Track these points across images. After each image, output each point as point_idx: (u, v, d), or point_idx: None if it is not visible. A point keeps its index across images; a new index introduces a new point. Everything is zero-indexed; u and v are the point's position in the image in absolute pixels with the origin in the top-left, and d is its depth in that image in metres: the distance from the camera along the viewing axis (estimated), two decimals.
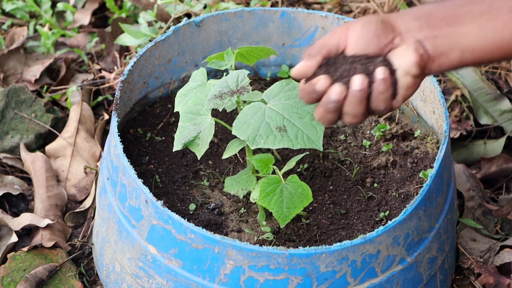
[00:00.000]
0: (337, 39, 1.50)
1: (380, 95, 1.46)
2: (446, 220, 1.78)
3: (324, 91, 1.48)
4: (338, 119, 1.51)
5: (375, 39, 1.47)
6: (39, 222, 2.02)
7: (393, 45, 1.47)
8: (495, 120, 2.29)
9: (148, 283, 1.72)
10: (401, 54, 1.46)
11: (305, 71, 1.50)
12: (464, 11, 1.44)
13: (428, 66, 1.46)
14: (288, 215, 1.66)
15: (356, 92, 1.46)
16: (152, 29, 2.32)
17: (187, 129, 1.67)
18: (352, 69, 1.47)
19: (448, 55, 1.45)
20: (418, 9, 1.49)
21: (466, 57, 1.44)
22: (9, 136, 2.25)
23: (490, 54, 1.44)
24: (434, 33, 1.45)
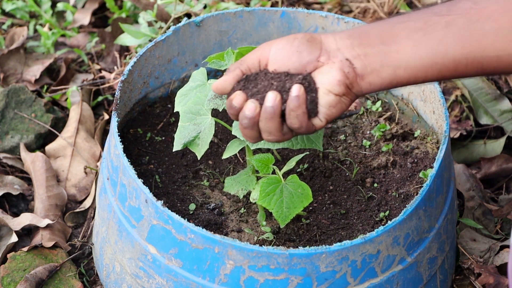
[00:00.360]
0: (258, 54, 1.49)
1: (292, 112, 1.44)
2: (446, 220, 1.79)
3: (240, 107, 1.47)
4: (259, 135, 1.49)
5: (296, 55, 1.45)
6: (39, 222, 2.02)
7: (318, 63, 1.45)
8: (495, 120, 2.29)
9: (148, 283, 1.72)
10: (325, 72, 1.43)
11: (222, 86, 1.49)
12: (399, 29, 1.41)
13: (355, 85, 1.43)
14: (288, 215, 1.66)
15: (268, 108, 1.44)
16: (152, 29, 2.32)
17: (187, 129, 1.67)
18: (269, 86, 1.46)
19: (379, 73, 1.41)
20: (354, 28, 1.47)
21: (399, 74, 1.41)
22: (9, 136, 2.25)
23: (424, 71, 1.40)
24: (365, 51, 1.41)
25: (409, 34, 1.40)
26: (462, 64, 1.39)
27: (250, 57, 1.50)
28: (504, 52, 1.36)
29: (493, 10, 1.35)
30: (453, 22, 1.38)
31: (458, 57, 1.38)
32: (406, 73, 1.41)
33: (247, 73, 1.49)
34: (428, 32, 1.39)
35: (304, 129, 1.46)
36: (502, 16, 1.35)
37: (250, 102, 1.46)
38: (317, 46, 1.45)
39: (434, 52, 1.39)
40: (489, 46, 1.36)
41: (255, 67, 1.49)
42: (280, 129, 1.47)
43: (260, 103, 1.46)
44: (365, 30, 1.44)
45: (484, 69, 1.39)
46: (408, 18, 1.42)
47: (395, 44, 1.40)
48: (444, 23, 1.38)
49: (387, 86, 1.43)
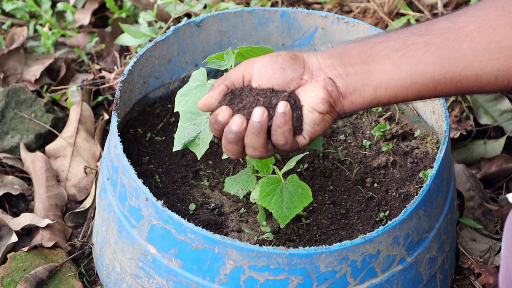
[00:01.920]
0: (242, 70, 1.50)
1: (278, 128, 1.45)
2: (446, 220, 1.79)
3: (226, 122, 1.48)
4: (242, 151, 1.49)
5: (280, 71, 1.46)
6: (39, 222, 2.02)
7: (301, 81, 1.46)
8: (495, 120, 2.29)
9: (148, 283, 1.72)
10: (309, 90, 1.45)
11: (209, 102, 1.50)
12: (379, 48, 1.42)
13: (338, 104, 1.45)
14: (288, 215, 1.66)
15: (255, 123, 1.45)
16: (152, 29, 2.32)
17: (187, 129, 1.67)
18: (255, 102, 1.47)
19: (360, 92, 1.43)
20: (335, 48, 1.48)
21: (380, 93, 1.42)
22: (9, 136, 2.25)
23: (405, 90, 1.41)
24: (346, 70, 1.43)
25: (388, 53, 1.42)
26: (441, 83, 1.40)
27: (234, 73, 1.51)
28: (482, 71, 1.38)
29: (471, 29, 1.37)
30: (432, 41, 1.39)
31: (437, 76, 1.39)
32: (386, 92, 1.43)
33: (232, 88, 1.50)
34: (407, 51, 1.40)
35: (289, 146, 1.47)
36: (479, 35, 1.36)
37: (236, 117, 1.47)
38: (300, 64, 1.47)
39: (413, 71, 1.40)
40: (467, 65, 1.38)
41: (239, 83, 1.50)
42: (265, 145, 1.48)
43: (247, 118, 1.47)
44: (345, 50, 1.46)
45: (463, 88, 1.40)
46: (387, 38, 1.44)
47: (375, 63, 1.42)
48: (423, 42, 1.40)
49: (368, 105, 1.45)
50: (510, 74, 1.37)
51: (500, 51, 1.36)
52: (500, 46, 1.36)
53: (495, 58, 1.37)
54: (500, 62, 1.37)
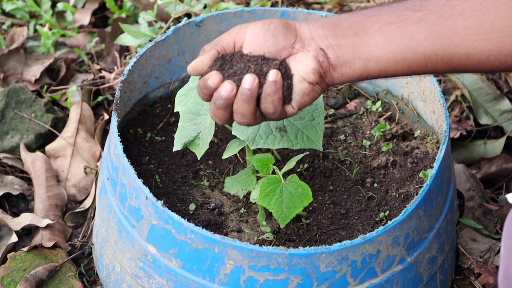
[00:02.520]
0: (233, 35, 1.49)
1: (268, 97, 1.45)
2: (446, 220, 1.79)
3: (215, 88, 1.46)
4: (229, 117, 1.48)
5: (271, 39, 1.46)
6: (39, 222, 2.02)
7: (292, 50, 1.46)
8: (495, 120, 2.29)
9: (148, 283, 1.72)
10: (300, 59, 1.44)
11: (199, 66, 1.48)
12: (372, 21, 1.42)
13: (328, 75, 1.45)
14: (288, 215, 1.66)
15: (245, 90, 1.44)
16: (152, 29, 2.32)
17: (187, 129, 1.67)
18: (246, 68, 1.46)
19: (351, 64, 1.43)
20: (328, 18, 1.48)
21: (370, 67, 1.42)
22: (9, 136, 2.25)
23: (395, 65, 1.41)
24: (338, 42, 1.43)
25: (381, 27, 1.41)
26: (432, 60, 1.40)
27: (225, 38, 1.49)
28: (474, 50, 1.37)
29: (465, 8, 1.36)
30: (425, 17, 1.39)
31: (429, 53, 1.39)
32: (377, 66, 1.42)
33: (223, 53, 1.49)
34: (400, 26, 1.40)
35: (277, 115, 1.47)
36: (473, 14, 1.36)
37: (227, 83, 1.45)
38: (292, 33, 1.46)
39: (405, 46, 1.39)
40: (459, 43, 1.37)
41: (230, 48, 1.49)
42: (254, 112, 1.47)
43: (237, 85, 1.46)
44: (338, 21, 1.45)
45: (454, 66, 1.40)
46: (381, 11, 1.43)
47: (367, 36, 1.42)
48: (417, 18, 1.39)
49: (358, 78, 1.45)
50: (502, 55, 1.36)
51: (493, 32, 1.35)
52: (494, 27, 1.35)
53: (488, 38, 1.36)
54: (493, 43, 1.36)
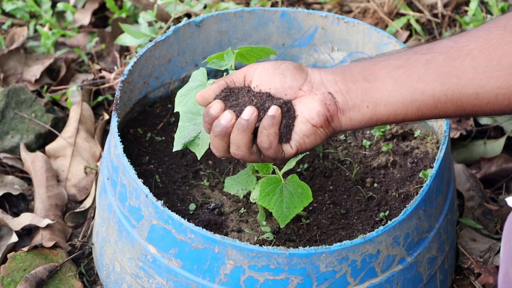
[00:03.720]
0: (244, 71, 1.52)
1: (264, 130, 1.46)
2: (446, 220, 1.79)
3: (216, 116, 1.49)
4: (227, 149, 1.50)
5: (279, 77, 1.48)
6: (39, 222, 2.02)
7: (300, 91, 1.47)
8: (495, 120, 2.29)
9: (148, 283, 1.72)
10: (306, 102, 1.46)
11: (206, 94, 1.51)
12: (381, 66, 1.43)
13: (335, 119, 1.45)
14: (288, 215, 1.66)
15: (242, 120, 1.46)
16: (152, 29, 2.32)
17: (187, 129, 1.67)
18: (248, 101, 1.48)
19: (359, 108, 1.44)
20: (339, 66, 1.50)
21: (379, 110, 1.43)
22: (9, 136, 2.25)
23: (404, 108, 1.42)
24: (347, 87, 1.44)
25: (390, 71, 1.43)
26: (441, 101, 1.40)
27: (237, 72, 1.53)
28: (482, 89, 1.38)
29: (472, 48, 1.38)
30: (433, 59, 1.40)
31: (437, 94, 1.40)
32: (386, 109, 1.43)
33: (231, 85, 1.51)
34: (408, 69, 1.41)
35: (272, 152, 1.47)
36: (480, 53, 1.37)
37: (227, 112, 1.48)
38: (302, 76, 1.47)
39: (413, 88, 1.41)
40: (468, 82, 1.38)
41: (239, 82, 1.51)
42: (249, 145, 1.48)
43: (237, 115, 1.48)
44: (348, 67, 1.47)
45: (464, 107, 1.40)
46: (390, 57, 1.45)
47: (376, 81, 1.43)
48: (425, 60, 1.41)
49: (366, 122, 1.45)
50: (511, 93, 1.37)
51: (501, 69, 1.37)
52: (501, 64, 1.37)
53: (496, 76, 1.37)
54: (501, 81, 1.37)
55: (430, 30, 2.57)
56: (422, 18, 2.56)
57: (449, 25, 2.58)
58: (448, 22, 2.58)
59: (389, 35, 1.93)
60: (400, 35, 2.50)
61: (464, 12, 2.61)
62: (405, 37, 2.50)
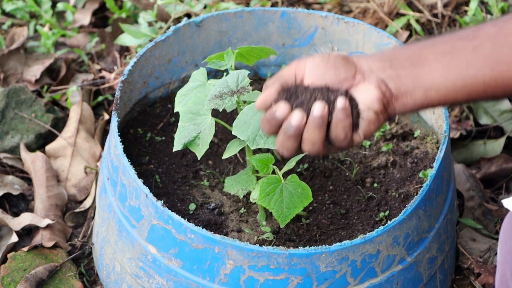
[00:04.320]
0: (293, 69, 1.50)
1: (340, 123, 1.45)
2: (446, 220, 1.79)
3: (283, 118, 1.47)
4: (298, 147, 1.49)
5: (333, 70, 1.48)
6: (39, 222, 2.02)
7: (354, 81, 1.47)
8: (495, 120, 2.29)
9: (148, 283, 1.72)
10: (363, 89, 1.46)
11: (267, 100, 1.49)
12: (427, 52, 1.44)
13: (391, 105, 1.46)
14: (288, 215, 1.66)
15: (316, 118, 1.45)
16: (152, 29, 2.32)
17: (187, 129, 1.67)
18: (313, 98, 1.47)
19: (411, 94, 1.45)
20: (382, 52, 1.50)
21: (430, 96, 1.44)
22: (9, 136, 2.25)
23: (455, 93, 1.43)
24: (397, 73, 1.45)
25: (437, 57, 1.43)
26: (491, 86, 1.42)
27: (286, 72, 1.51)
28: None
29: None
30: (480, 46, 1.41)
31: (488, 80, 1.41)
32: (437, 95, 1.44)
33: (285, 87, 1.49)
34: (456, 56, 1.42)
35: (347, 142, 1.48)
36: None
37: (297, 112, 1.46)
38: (351, 65, 1.48)
39: (463, 74, 1.42)
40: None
41: (291, 81, 1.50)
42: (323, 140, 1.48)
43: (306, 114, 1.46)
44: (394, 54, 1.48)
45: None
46: (435, 43, 1.45)
47: (425, 67, 1.44)
48: (472, 47, 1.41)
49: (418, 107, 1.46)
50: None
51: None
52: None
53: None
54: None
55: (430, 30, 2.57)
56: (422, 18, 2.56)
57: (449, 25, 2.58)
58: (448, 22, 2.58)
59: (389, 35, 1.93)
60: (400, 35, 2.50)
61: (464, 12, 2.61)
62: (405, 37, 2.50)
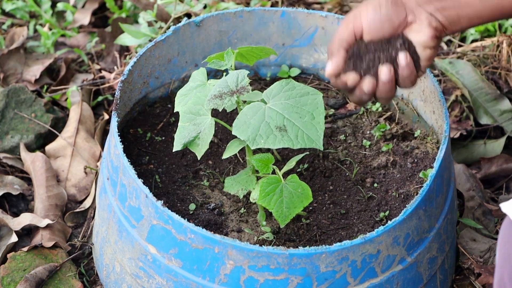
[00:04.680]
0: (351, 28, 1.63)
1: (406, 78, 1.62)
2: (446, 220, 1.79)
3: (356, 85, 1.63)
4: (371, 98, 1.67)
5: (387, 23, 1.61)
6: (39, 222, 2.02)
7: (407, 22, 1.61)
8: (495, 120, 2.29)
9: (148, 283, 1.72)
10: (417, 30, 1.61)
11: (336, 69, 1.63)
12: None
13: (442, 35, 1.63)
14: (288, 215, 1.66)
15: (386, 82, 1.62)
16: (152, 29, 2.32)
17: (187, 129, 1.67)
18: (376, 59, 1.63)
19: (458, 23, 1.61)
20: None
21: (473, 23, 1.61)
22: (9, 136, 2.25)
23: (493, 17, 1.60)
24: (442, 5, 1.59)
25: None
26: None
27: (345, 33, 1.63)
28: None
29: None
30: None
31: None
32: (479, 21, 1.61)
33: (349, 50, 1.63)
34: None
35: (413, 84, 1.65)
36: None
37: (367, 80, 1.63)
38: (401, 8, 1.61)
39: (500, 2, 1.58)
40: None
41: (352, 40, 1.63)
42: (394, 91, 1.66)
43: (375, 77, 1.62)
44: None
45: None
46: None
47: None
48: None
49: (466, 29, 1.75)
50: None
51: None
52: None
53: None
54: None
55: None
56: None
57: None
58: None
59: None
60: None
61: None
62: None
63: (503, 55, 2.41)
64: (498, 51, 2.42)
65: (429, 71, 1.88)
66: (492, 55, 2.43)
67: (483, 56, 2.43)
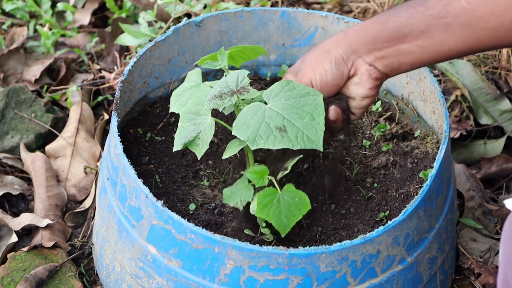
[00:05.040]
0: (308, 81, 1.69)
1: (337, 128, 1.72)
2: (446, 220, 1.78)
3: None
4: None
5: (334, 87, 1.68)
6: (39, 222, 2.02)
7: (349, 76, 1.67)
8: (495, 120, 2.29)
9: (148, 283, 1.72)
10: (357, 82, 1.67)
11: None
12: (406, 31, 1.60)
13: (383, 81, 1.68)
14: (288, 224, 1.66)
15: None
16: (152, 29, 2.32)
17: (187, 129, 1.67)
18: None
19: (399, 69, 1.65)
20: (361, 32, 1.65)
21: (415, 67, 1.65)
22: (9, 136, 2.25)
23: (434, 62, 1.64)
24: (382, 54, 1.63)
25: (415, 36, 1.60)
26: (466, 53, 1.61)
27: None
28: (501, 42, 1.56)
29: (484, 12, 1.52)
30: (451, 24, 1.56)
31: (462, 50, 1.59)
32: (420, 65, 1.65)
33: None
34: (431, 35, 1.58)
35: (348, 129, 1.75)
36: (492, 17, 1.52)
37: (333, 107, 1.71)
38: (344, 66, 1.66)
39: (440, 51, 1.60)
40: (486, 41, 1.56)
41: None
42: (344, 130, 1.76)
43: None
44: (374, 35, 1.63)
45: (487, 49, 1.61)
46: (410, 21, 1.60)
47: (405, 44, 1.61)
48: (444, 25, 1.57)
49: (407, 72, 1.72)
50: None
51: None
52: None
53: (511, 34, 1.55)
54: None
55: None
56: None
57: None
58: None
59: None
60: None
61: None
62: None
63: (503, 55, 2.41)
64: (498, 51, 2.42)
65: (429, 71, 1.88)
66: (492, 55, 2.43)
67: (483, 56, 2.43)
